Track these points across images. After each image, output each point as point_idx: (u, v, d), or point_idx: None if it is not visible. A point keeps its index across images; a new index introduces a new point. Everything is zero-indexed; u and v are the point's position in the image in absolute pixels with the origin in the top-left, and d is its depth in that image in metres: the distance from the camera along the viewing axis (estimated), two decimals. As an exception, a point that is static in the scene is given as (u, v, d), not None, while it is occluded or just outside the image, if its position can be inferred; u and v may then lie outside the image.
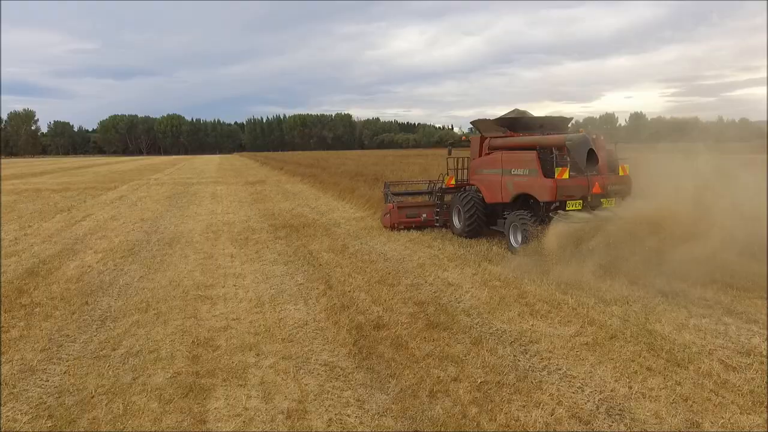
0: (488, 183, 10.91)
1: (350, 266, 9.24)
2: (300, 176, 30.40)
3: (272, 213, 16.36)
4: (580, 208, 9.04)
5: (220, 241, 11.85)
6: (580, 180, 9.13)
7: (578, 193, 9.11)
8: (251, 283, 8.22)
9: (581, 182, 9.12)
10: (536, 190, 9.41)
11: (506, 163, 10.31)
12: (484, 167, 11.18)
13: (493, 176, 10.71)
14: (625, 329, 5.95)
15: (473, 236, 11.27)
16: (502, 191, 10.37)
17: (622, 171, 9.56)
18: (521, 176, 9.85)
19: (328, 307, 6.93)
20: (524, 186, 9.76)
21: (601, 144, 9.70)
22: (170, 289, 7.90)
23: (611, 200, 9.20)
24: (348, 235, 12.43)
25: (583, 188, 9.11)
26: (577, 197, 9.11)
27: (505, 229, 10.11)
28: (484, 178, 11.11)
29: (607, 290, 7.43)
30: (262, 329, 6.16)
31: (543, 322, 6.28)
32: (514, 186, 10.04)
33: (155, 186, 27.90)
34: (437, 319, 6.37)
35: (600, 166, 9.35)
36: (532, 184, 9.53)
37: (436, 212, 12.54)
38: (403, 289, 7.74)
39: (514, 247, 9.67)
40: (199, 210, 17.47)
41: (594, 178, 9.18)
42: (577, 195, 9.11)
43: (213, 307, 7.08)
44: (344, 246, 11.05)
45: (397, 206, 12.77)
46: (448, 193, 12.34)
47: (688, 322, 6.17)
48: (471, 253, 10.04)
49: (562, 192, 9.01)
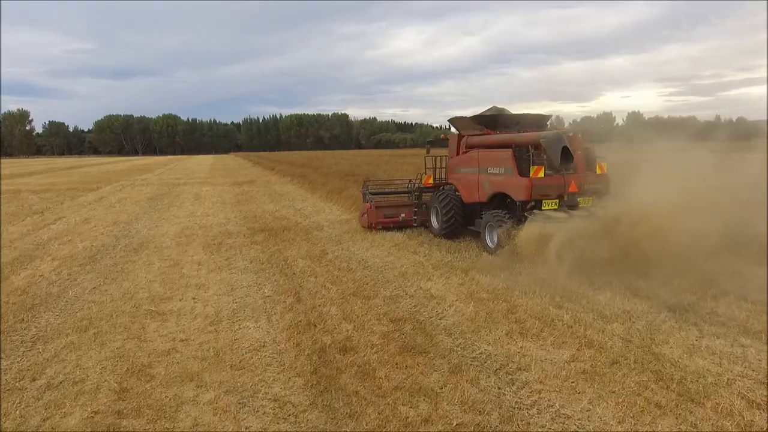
0: (466, 182, 10.67)
1: (326, 275, 8.44)
2: (290, 176, 29.57)
3: (254, 215, 15.55)
4: (557, 207, 8.84)
5: (192, 246, 11.04)
6: (556, 179, 8.91)
7: (554, 192, 8.91)
8: (213, 296, 7.42)
9: (557, 181, 8.91)
10: (511, 189, 9.19)
11: (482, 161, 10.08)
12: (462, 166, 10.91)
13: (471, 175, 10.46)
14: (627, 353, 5.16)
15: (451, 236, 11.02)
16: (479, 190, 10.13)
17: (599, 169, 9.30)
18: (497, 175, 9.60)
19: (293, 325, 6.12)
20: (500, 185, 9.52)
21: (578, 142, 9.42)
22: (121, 303, 7.09)
23: (588, 199, 8.99)
24: (329, 239, 11.63)
25: (559, 187, 8.91)
26: (553, 196, 8.90)
27: (481, 229, 9.88)
28: (462, 177, 10.86)
29: (607, 304, 6.65)
30: (211, 353, 5.36)
31: (534, 343, 5.48)
32: (490, 185, 9.79)
33: (140, 187, 27.06)
34: (413, 341, 5.57)
35: (577, 165, 9.12)
36: (507, 183, 9.30)
37: (414, 212, 12.33)
38: (379, 303, 6.94)
39: (490, 247, 9.49)
40: (179, 212, 16.65)
41: (570, 176, 8.96)
42: (553, 194, 8.90)
43: (162, 324, 6.27)
44: (323, 252, 10.25)
45: (374, 206, 12.39)
46: (426, 192, 12.12)
47: (700, 344, 5.39)
48: (459, 260, 9.25)
49: (538, 191, 8.80)
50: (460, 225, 10.95)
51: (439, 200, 11.09)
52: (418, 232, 12.16)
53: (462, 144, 11.08)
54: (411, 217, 12.38)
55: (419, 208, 12.29)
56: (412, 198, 12.55)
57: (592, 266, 7.61)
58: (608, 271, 7.67)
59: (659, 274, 7.54)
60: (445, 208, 10.87)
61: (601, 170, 9.33)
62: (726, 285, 7.09)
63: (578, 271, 7.58)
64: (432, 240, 11.18)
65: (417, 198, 12.35)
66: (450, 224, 10.91)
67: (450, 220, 10.87)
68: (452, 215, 10.84)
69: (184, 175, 38.08)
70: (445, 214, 10.88)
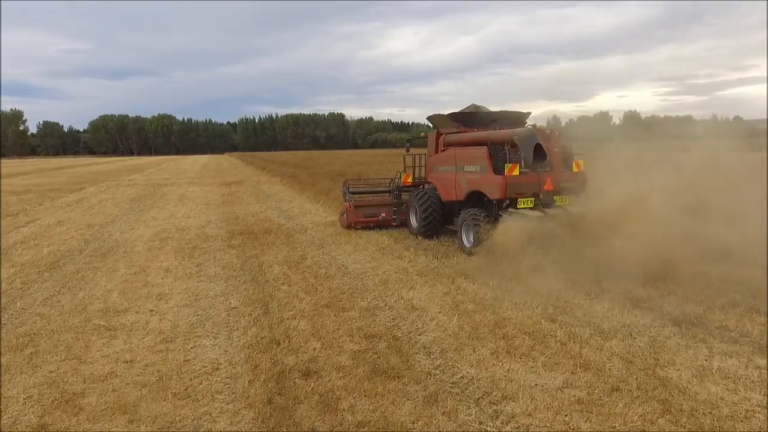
0: (443, 180, 10.48)
1: (301, 283, 7.79)
2: (280, 177, 28.90)
3: (236, 217, 14.88)
4: (532, 205, 8.76)
5: (163, 251, 10.37)
6: (532, 177, 8.77)
7: (529, 190, 8.79)
8: (173, 308, 6.76)
9: (532, 179, 8.77)
10: (486, 188, 9.05)
11: (459, 159, 9.90)
12: (440, 164, 10.70)
13: (448, 173, 10.27)
14: (629, 376, 4.53)
15: (430, 236, 10.85)
16: (456, 189, 9.95)
17: (576, 167, 9.16)
18: (473, 173, 9.45)
19: (254, 343, 5.47)
20: (476, 183, 9.37)
21: (554, 140, 9.25)
22: (70, 317, 6.43)
23: (565, 198, 8.91)
24: (311, 243, 10.97)
25: (535, 185, 8.78)
26: (528, 194, 8.79)
27: (458, 227, 9.71)
28: (440, 176, 10.66)
29: (605, 316, 6.02)
30: (156, 378, 4.70)
31: (523, 364, 4.85)
32: (467, 183, 9.62)
33: (125, 187, 26.34)
34: (386, 363, 4.92)
35: (553, 163, 9.00)
36: (482, 181, 9.16)
37: (393, 211, 12.17)
38: (355, 316, 6.30)
39: (466, 246, 9.30)
40: (159, 214, 15.97)
41: (546, 174, 8.83)
42: (528, 192, 8.79)
43: (109, 342, 5.61)
44: (302, 257, 9.60)
45: (353, 205, 12.22)
46: (406, 191, 11.95)
47: (711, 364, 4.76)
48: (446, 266, 8.60)
49: (512, 189, 8.69)
50: (439, 224, 10.76)
51: (418, 199, 10.89)
52: (405, 234, 11.53)
53: (440, 142, 10.88)
54: (391, 216, 12.19)
55: (398, 208, 12.11)
56: (392, 197, 12.30)
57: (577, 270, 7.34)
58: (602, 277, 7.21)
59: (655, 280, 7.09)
60: (424, 207, 10.68)
61: (578, 168, 9.15)
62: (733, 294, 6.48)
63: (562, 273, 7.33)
64: (419, 244, 10.54)
65: (396, 197, 12.15)
66: (428, 224, 10.71)
67: (428, 220, 10.69)
68: (431, 214, 10.65)
69: (174, 175, 37.35)
70: (424, 214, 10.70)
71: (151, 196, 21.36)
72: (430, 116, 11.30)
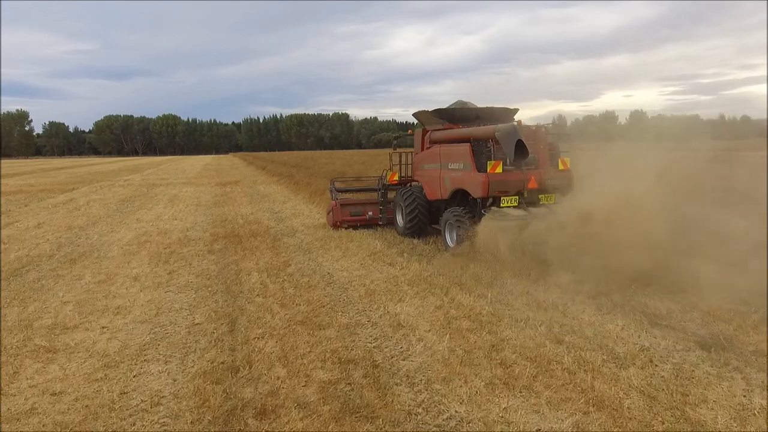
0: (429, 178, 10.20)
1: (278, 294, 7.01)
2: (278, 176, 28.16)
3: (225, 219, 14.12)
4: (516, 204, 8.50)
5: (138, 256, 9.62)
6: (515, 174, 8.50)
7: (513, 188, 8.51)
8: (128, 324, 5.98)
9: (516, 177, 8.49)
10: (469, 185, 8.75)
11: (444, 156, 9.65)
12: (426, 162, 10.42)
13: (433, 171, 9.99)
14: (653, 418, 3.72)
15: (416, 235, 10.62)
16: (441, 187, 9.66)
17: (562, 165, 8.86)
18: (456, 171, 9.18)
19: (210, 370, 4.69)
20: (459, 181, 9.07)
21: (541, 136, 8.99)
22: (9, 335, 5.67)
23: (550, 196, 8.59)
24: (298, 247, 10.19)
25: (519, 183, 8.51)
26: (512, 193, 8.51)
27: (441, 227, 9.46)
28: (425, 174, 10.40)
29: (619, 336, 5.21)
30: (81, 416, 3.92)
31: (524, 400, 4.04)
32: (451, 181, 9.32)
33: (119, 187, 25.66)
34: (360, 398, 4.12)
35: (540, 160, 8.75)
36: (465, 179, 8.87)
37: (379, 209, 11.89)
38: (332, 335, 5.50)
39: (450, 246, 9.02)
40: (145, 215, 15.23)
41: (531, 172, 8.55)
42: (512, 190, 8.51)
43: (44, 367, 4.85)
44: (286, 263, 8.82)
45: (339, 203, 11.93)
46: (392, 189, 11.71)
47: (751, 402, 3.94)
48: (441, 274, 7.78)
49: (495, 187, 8.40)
50: (425, 224, 10.51)
51: (403, 198, 10.63)
52: (399, 239, 10.75)
53: (426, 139, 10.63)
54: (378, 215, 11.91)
55: (384, 206, 11.78)
56: (378, 195, 11.99)
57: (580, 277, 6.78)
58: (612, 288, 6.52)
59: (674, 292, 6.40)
60: (410, 206, 10.45)
61: (564, 166, 8.85)
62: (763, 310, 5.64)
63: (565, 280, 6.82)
64: (413, 248, 9.75)
65: (382, 195, 11.82)
66: (414, 223, 10.47)
67: (414, 219, 10.44)
68: (416, 213, 10.40)
69: (172, 175, 36.69)
70: (409, 213, 10.46)
71: (141, 197, 20.65)
72: (415, 113, 10.99)
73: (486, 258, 7.83)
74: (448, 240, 9.15)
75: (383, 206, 11.81)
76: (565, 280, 6.82)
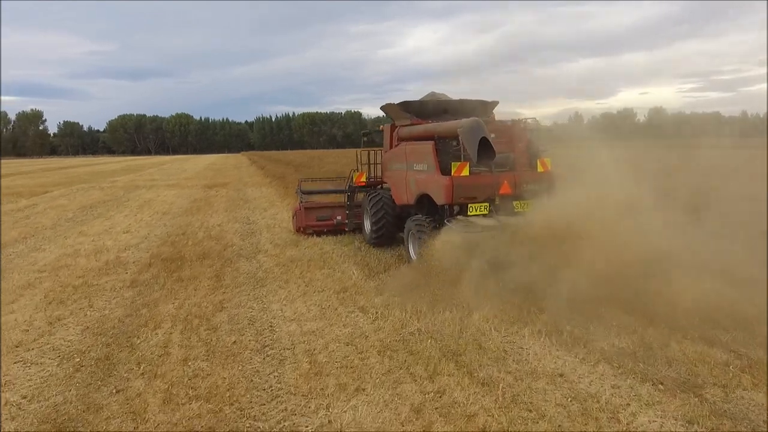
0: (396, 180, 9.05)
1: (172, 374, 4.55)
2: (272, 177, 25.81)
3: (184, 233, 11.74)
4: (486, 212, 7.38)
5: (35, 290, 7.26)
6: (485, 178, 7.42)
7: (482, 193, 7.40)
8: None
9: (486, 180, 7.40)
10: (432, 190, 7.67)
11: (409, 156, 8.47)
12: (393, 162, 9.20)
13: (400, 173, 8.80)
14: None
15: (383, 245, 9.41)
16: (407, 191, 8.49)
17: (541, 166, 7.68)
18: (421, 172, 8.03)
19: None
20: (423, 184, 7.92)
21: (519, 134, 7.94)
22: None
23: (526, 203, 7.37)
24: (251, 277, 7.76)
25: (489, 188, 7.40)
26: (481, 199, 7.38)
27: (404, 237, 8.41)
28: (393, 175, 9.22)
29: None
30: None
31: None
32: (416, 184, 8.16)
33: (96, 191, 23.44)
34: None
35: (517, 161, 7.71)
36: (429, 183, 7.75)
37: (346, 214, 10.74)
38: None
39: (413, 259, 7.86)
40: (95, 227, 12.92)
41: (503, 175, 7.44)
42: (481, 196, 7.39)
43: None
44: (219, 306, 6.38)
45: (304, 207, 10.79)
46: (360, 191, 10.50)
47: None
48: (430, 335, 5.25)
49: (461, 192, 7.27)
50: (393, 232, 9.27)
51: (370, 202, 9.43)
52: (385, 263, 8.33)
53: (394, 136, 9.31)
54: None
55: (351, 210, 10.62)
56: (345, 198, 10.81)
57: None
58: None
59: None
60: (376, 213, 9.19)
61: (544, 167, 7.64)
62: None
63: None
64: (402, 280, 7.23)
65: (349, 198, 10.64)
66: (381, 233, 9.23)
67: (381, 227, 9.19)
68: (383, 220, 9.17)
69: (167, 176, 34.56)
70: (376, 221, 9.20)
71: (111, 202, 18.39)
72: (383, 105, 9.57)
73: (443, 281, 6.37)
74: (412, 253, 7.94)
75: (350, 210, 10.63)
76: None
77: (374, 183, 10.12)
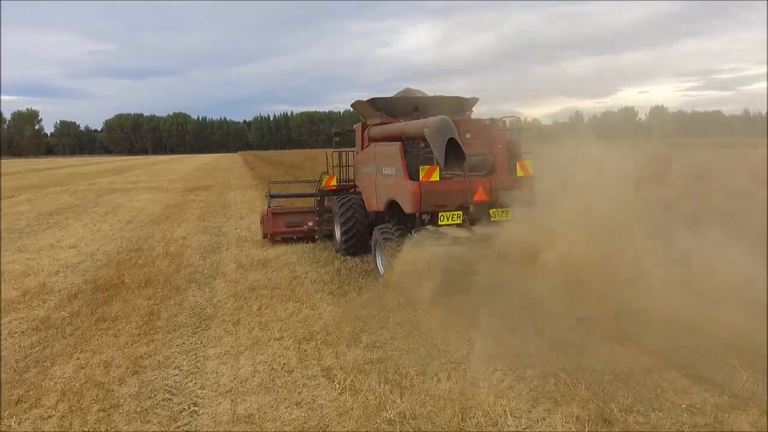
0: (366, 185, 8.42)
1: None
2: (259, 180, 24.15)
3: (139, 248, 10.06)
4: (460, 221, 6.65)
5: None
6: (457, 183, 6.74)
7: (454, 201, 6.67)
8: None
9: (458, 186, 6.68)
10: (400, 196, 6.93)
11: (378, 158, 7.82)
12: (364, 164, 8.57)
13: (370, 176, 8.13)
14: None
15: (354, 254, 8.59)
16: (377, 196, 7.85)
17: (521, 170, 6.98)
18: (389, 176, 7.32)
19: None
20: (391, 190, 7.21)
21: (497, 134, 7.28)
22: None
23: (504, 210, 6.69)
24: (195, 315, 6.09)
25: (461, 194, 6.66)
26: (453, 207, 6.65)
27: (372, 247, 7.65)
28: (364, 179, 8.57)
29: None
30: None
31: None
32: (384, 190, 7.49)
33: (66, 195, 21.72)
34: None
35: (497, 164, 7.05)
36: (396, 188, 7.03)
37: (316, 221, 10.10)
38: None
39: (381, 272, 7.13)
40: (44, 240, 11.26)
41: (478, 180, 6.76)
42: (452, 204, 6.65)
43: None
44: (136, 364, 4.72)
45: (272, 213, 10.13)
46: (331, 196, 9.70)
47: None
48: (418, 427, 3.58)
49: (430, 200, 6.51)
50: (365, 241, 8.40)
51: (339, 209, 8.66)
52: (376, 292, 6.60)
53: (365, 136, 8.58)
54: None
55: (321, 217, 9.91)
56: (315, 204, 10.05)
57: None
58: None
59: None
60: (347, 221, 8.45)
61: (524, 171, 7.01)
62: None
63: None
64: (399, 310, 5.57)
65: (319, 204, 9.89)
66: (351, 241, 8.49)
67: (351, 236, 8.46)
68: (354, 228, 8.44)
69: (152, 177, 32.85)
70: (347, 228, 8.45)
71: (76, 208, 16.71)
72: (354, 102, 8.94)
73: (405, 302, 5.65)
74: (380, 266, 7.32)
75: (320, 216, 9.92)
76: None
77: (345, 187, 9.35)
